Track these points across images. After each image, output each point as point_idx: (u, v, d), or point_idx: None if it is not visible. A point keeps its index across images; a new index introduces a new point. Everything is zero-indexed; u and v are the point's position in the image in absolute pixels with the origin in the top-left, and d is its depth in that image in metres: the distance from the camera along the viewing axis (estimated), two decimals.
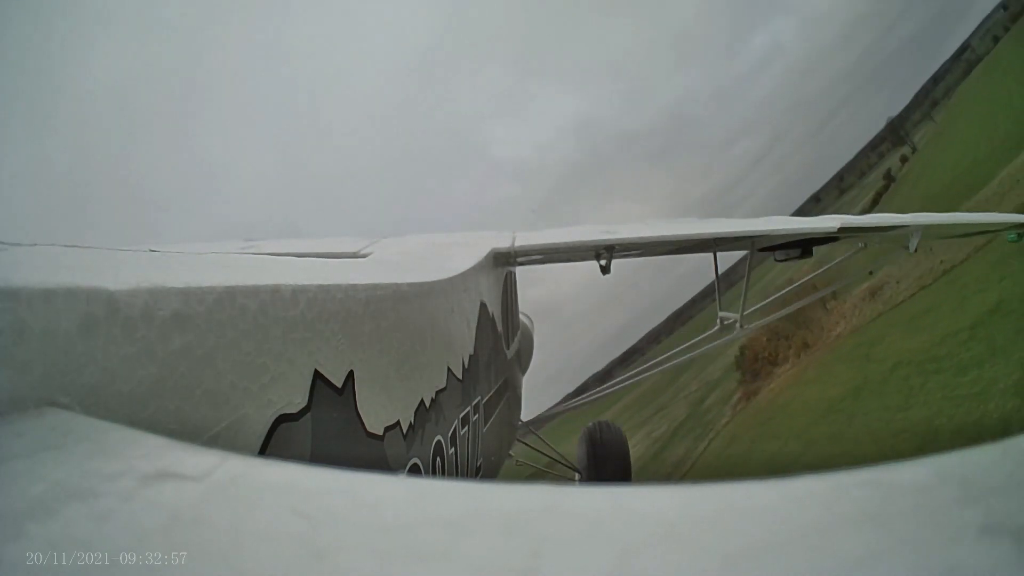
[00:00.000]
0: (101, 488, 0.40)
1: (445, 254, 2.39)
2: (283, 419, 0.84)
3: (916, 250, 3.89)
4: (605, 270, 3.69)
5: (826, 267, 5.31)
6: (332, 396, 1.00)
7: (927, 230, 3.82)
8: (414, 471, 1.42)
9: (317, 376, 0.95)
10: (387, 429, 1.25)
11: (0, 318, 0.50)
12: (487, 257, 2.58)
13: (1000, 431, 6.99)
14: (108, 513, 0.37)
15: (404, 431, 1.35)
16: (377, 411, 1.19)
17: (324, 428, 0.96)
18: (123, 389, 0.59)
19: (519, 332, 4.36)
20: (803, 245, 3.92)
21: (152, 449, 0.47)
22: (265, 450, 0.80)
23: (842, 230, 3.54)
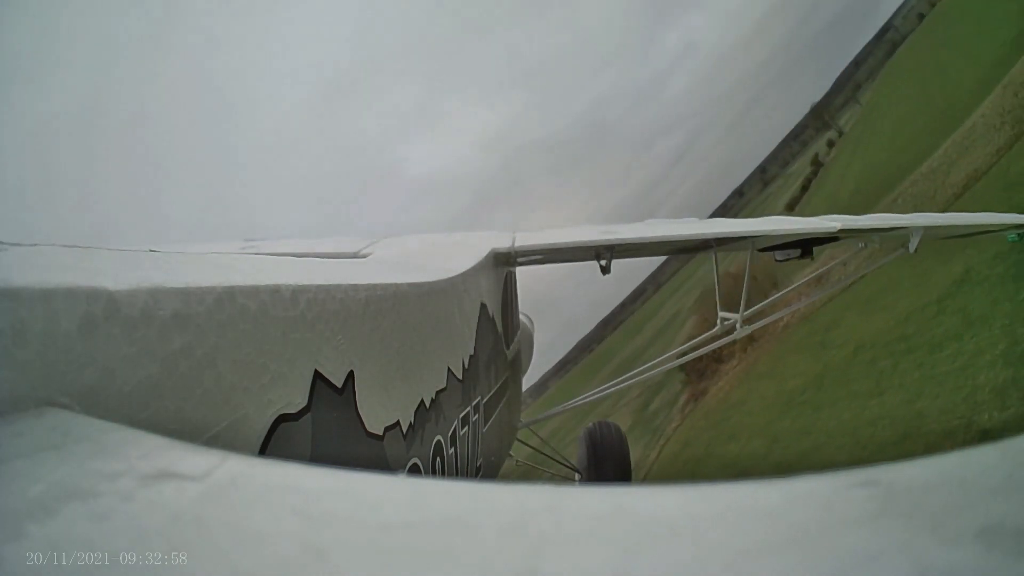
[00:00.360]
0: (101, 488, 0.40)
1: (445, 254, 2.40)
2: (283, 419, 0.84)
3: (916, 251, 3.89)
4: (605, 270, 3.69)
5: (821, 271, 5.28)
6: (332, 396, 1.00)
7: (927, 231, 3.81)
8: (414, 471, 1.42)
9: (317, 376, 0.95)
10: (387, 429, 1.25)
11: (0, 318, 0.50)
12: (487, 257, 2.58)
13: (997, 404, 6.46)
14: (108, 513, 0.37)
15: (404, 431, 1.35)
16: (377, 411, 1.19)
17: (324, 428, 0.96)
18: (123, 389, 0.59)
19: (519, 332, 4.36)
20: (803, 245, 3.92)
21: (152, 449, 0.47)
22: (265, 450, 0.80)
23: (842, 231, 3.54)
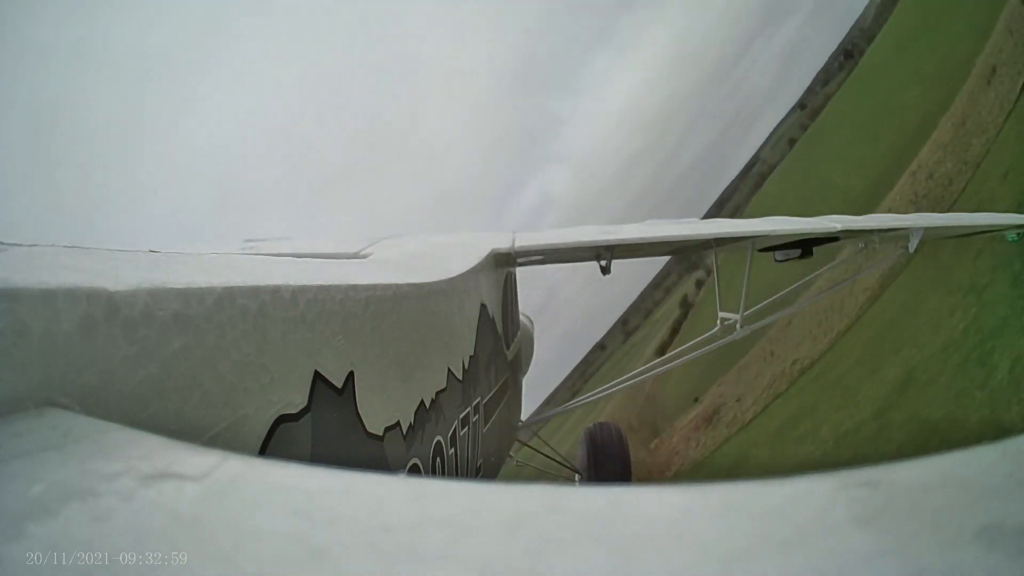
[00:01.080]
0: (101, 488, 0.40)
1: (445, 255, 2.39)
2: (283, 419, 0.84)
3: (916, 251, 3.89)
4: (605, 270, 3.69)
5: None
6: (332, 396, 1.00)
7: (928, 231, 3.82)
8: (414, 471, 1.42)
9: (317, 376, 0.95)
10: (387, 429, 1.25)
11: (0, 318, 0.50)
12: (487, 258, 2.58)
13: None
14: (108, 513, 0.37)
15: (404, 431, 1.35)
16: (377, 411, 1.19)
17: (324, 428, 0.96)
18: (123, 389, 0.59)
19: (519, 333, 4.36)
20: (803, 245, 3.92)
21: (152, 449, 0.47)
22: (265, 450, 0.80)
23: (843, 231, 3.54)
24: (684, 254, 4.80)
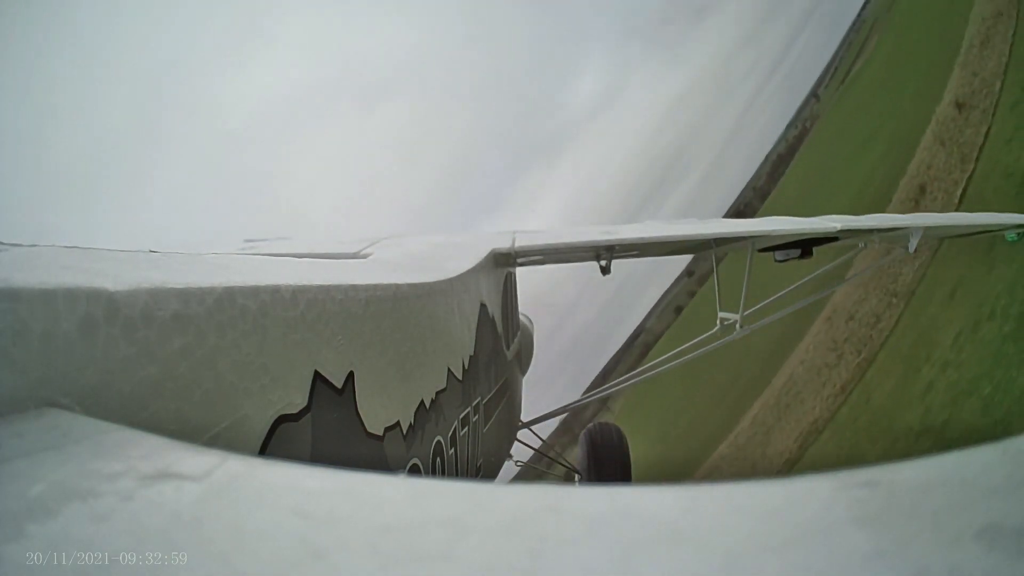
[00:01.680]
0: (101, 488, 0.40)
1: (445, 255, 2.39)
2: (283, 419, 0.84)
3: (916, 251, 3.89)
4: (605, 270, 3.69)
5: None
6: (332, 396, 1.00)
7: (928, 231, 3.82)
8: (414, 471, 1.42)
9: (317, 376, 0.95)
10: (387, 429, 1.25)
11: (0, 318, 0.50)
12: (487, 258, 2.57)
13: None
14: (108, 513, 0.37)
15: (404, 431, 1.35)
16: (377, 411, 1.19)
17: (324, 428, 0.96)
18: (123, 389, 0.59)
19: (519, 333, 4.36)
20: (803, 245, 3.92)
21: (152, 449, 0.47)
22: (265, 450, 0.80)
23: (843, 231, 3.54)
24: (684, 254, 4.79)
